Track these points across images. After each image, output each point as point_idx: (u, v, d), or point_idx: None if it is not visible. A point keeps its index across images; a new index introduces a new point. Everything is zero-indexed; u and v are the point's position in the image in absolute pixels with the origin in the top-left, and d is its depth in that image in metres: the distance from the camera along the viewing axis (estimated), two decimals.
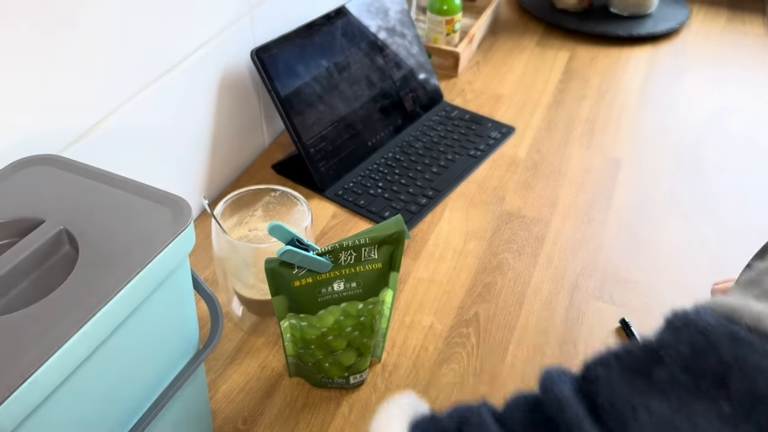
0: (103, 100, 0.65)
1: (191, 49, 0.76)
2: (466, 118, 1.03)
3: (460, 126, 1.02)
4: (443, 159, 0.95)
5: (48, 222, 0.45)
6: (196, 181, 0.85)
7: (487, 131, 1.01)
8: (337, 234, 0.84)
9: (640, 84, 1.16)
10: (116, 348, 0.43)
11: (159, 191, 0.48)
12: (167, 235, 0.44)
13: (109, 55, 0.64)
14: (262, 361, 0.69)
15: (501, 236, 0.84)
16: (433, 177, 0.92)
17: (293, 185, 0.91)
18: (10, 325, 0.38)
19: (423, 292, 0.76)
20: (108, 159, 0.67)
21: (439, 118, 1.03)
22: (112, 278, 0.41)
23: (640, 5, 1.32)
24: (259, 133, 0.96)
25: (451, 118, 1.03)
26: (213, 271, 0.78)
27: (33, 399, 0.37)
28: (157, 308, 0.46)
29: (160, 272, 0.44)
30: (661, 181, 0.94)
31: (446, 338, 0.71)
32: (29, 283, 0.44)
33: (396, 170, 0.93)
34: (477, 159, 0.96)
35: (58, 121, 0.60)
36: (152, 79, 0.71)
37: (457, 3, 1.14)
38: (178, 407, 0.54)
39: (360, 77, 0.95)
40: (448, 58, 1.15)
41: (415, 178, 0.92)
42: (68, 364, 0.38)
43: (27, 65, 0.56)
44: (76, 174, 0.50)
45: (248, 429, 0.63)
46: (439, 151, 0.96)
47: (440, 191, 0.90)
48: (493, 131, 1.01)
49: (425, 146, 0.97)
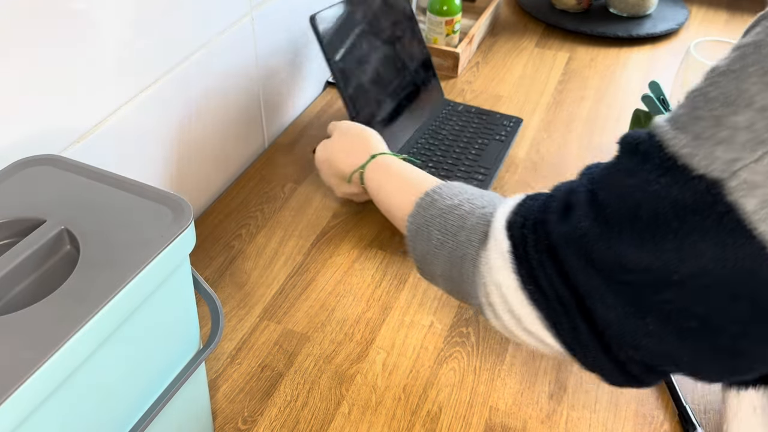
0: (104, 100, 0.65)
1: (192, 49, 0.76)
2: (473, 111, 1.04)
3: (473, 118, 1.02)
4: (476, 143, 0.96)
5: (49, 222, 0.45)
6: (197, 181, 0.85)
7: (498, 121, 1.02)
8: (337, 234, 0.84)
9: (640, 84, 1.16)
10: (116, 348, 0.43)
11: (159, 191, 0.48)
12: (168, 235, 0.44)
13: (110, 55, 0.64)
14: (262, 361, 0.69)
15: None
16: (476, 158, 0.93)
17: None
18: (11, 325, 0.39)
19: (423, 292, 0.77)
20: (109, 159, 0.68)
21: (446, 112, 1.03)
22: (112, 278, 0.41)
23: (640, 6, 1.33)
24: (259, 133, 0.97)
25: (459, 112, 1.04)
26: (213, 270, 0.79)
27: (34, 399, 0.37)
28: (157, 308, 0.46)
29: (161, 272, 0.44)
30: None
31: (446, 338, 0.71)
32: (30, 283, 0.44)
33: (437, 152, 0.94)
34: (505, 143, 0.97)
35: (60, 122, 0.61)
36: (153, 79, 0.71)
37: (457, 4, 1.14)
38: (179, 407, 0.54)
39: (392, 59, 0.96)
40: (448, 59, 1.15)
41: (460, 159, 0.93)
42: (69, 364, 0.38)
43: (28, 66, 0.56)
44: (77, 174, 0.50)
45: (248, 429, 0.63)
46: (468, 137, 0.98)
47: (490, 168, 0.92)
48: (504, 121, 1.02)
49: (450, 134, 0.98)
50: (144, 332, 0.46)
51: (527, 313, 0.47)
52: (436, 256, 0.54)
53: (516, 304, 0.47)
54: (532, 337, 0.48)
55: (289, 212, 0.87)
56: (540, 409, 0.65)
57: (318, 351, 0.70)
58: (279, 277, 0.78)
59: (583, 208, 0.43)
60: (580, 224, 0.42)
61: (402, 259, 0.80)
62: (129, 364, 0.45)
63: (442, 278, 0.55)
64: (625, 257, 0.40)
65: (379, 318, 0.73)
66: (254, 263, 0.80)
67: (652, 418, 0.64)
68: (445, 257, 0.53)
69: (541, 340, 0.48)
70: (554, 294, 0.44)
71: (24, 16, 0.54)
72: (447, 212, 0.54)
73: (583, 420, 0.64)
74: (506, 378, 0.68)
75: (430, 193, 0.58)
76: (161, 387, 0.50)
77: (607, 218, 0.41)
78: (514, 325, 0.49)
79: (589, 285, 0.42)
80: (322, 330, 0.72)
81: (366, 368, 0.68)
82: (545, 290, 0.45)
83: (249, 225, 0.85)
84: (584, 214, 0.42)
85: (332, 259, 0.80)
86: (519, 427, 0.64)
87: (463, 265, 0.52)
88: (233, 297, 0.76)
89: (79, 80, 0.61)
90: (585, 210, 0.43)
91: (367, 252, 0.81)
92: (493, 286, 0.49)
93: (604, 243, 0.41)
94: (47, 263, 0.45)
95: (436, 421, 0.64)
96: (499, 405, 0.65)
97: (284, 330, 0.72)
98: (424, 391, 0.66)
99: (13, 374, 0.35)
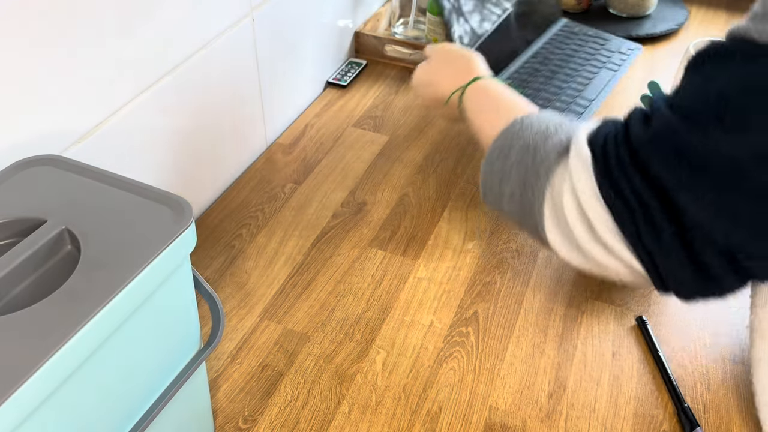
0: (105, 100, 0.66)
1: (193, 50, 0.76)
2: (590, 33, 1.01)
3: (588, 41, 0.99)
4: (584, 72, 0.94)
5: (50, 222, 0.45)
6: (197, 181, 0.85)
7: (617, 46, 0.99)
8: (337, 234, 0.84)
9: (639, 84, 1.16)
10: (117, 347, 0.43)
11: (160, 191, 0.48)
12: (168, 235, 0.45)
13: (111, 56, 0.64)
14: (262, 361, 0.69)
15: (500, 236, 0.84)
16: (579, 88, 0.91)
17: None
18: (11, 325, 0.39)
19: (423, 292, 0.77)
20: (109, 159, 0.68)
21: (564, 33, 1.01)
22: (113, 278, 0.41)
23: (639, 6, 1.33)
24: (259, 133, 0.97)
25: (575, 33, 1.01)
26: (214, 270, 0.79)
27: (34, 398, 0.37)
28: (158, 308, 0.46)
29: (162, 272, 0.44)
30: None
31: (446, 337, 0.72)
32: (31, 283, 0.44)
33: (539, 79, 0.92)
34: (616, 71, 0.94)
35: (60, 122, 0.61)
36: (154, 80, 0.71)
37: None
38: (179, 406, 0.54)
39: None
40: None
41: (562, 88, 0.91)
42: (70, 364, 0.39)
43: (29, 66, 0.56)
44: (77, 174, 0.50)
45: (249, 428, 0.63)
46: (577, 64, 0.95)
47: (592, 100, 0.89)
48: (623, 47, 0.99)
49: (559, 59, 0.95)
50: (144, 332, 0.46)
51: (603, 221, 0.47)
52: (510, 175, 0.55)
53: (592, 210, 0.47)
54: (601, 249, 0.48)
55: (289, 212, 0.87)
56: (540, 409, 0.65)
57: (318, 350, 0.70)
58: (279, 276, 0.78)
59: (665, 112, 0.45)
60: (666, 123, 0.44)
61: (402, 259, 0.81)
62: (130, 363, 0.46)
63: (510, 198, 0.56)
64: (718, 144, 0.41)
65: (379, 318, 0.74)
66: (255, 263, 0.80)
67: (652, 418, 0.65)
68: (520, 175, 0.54)
69: (611, 250, 0.47)
70: (636, 200, 0.45)
71: (24, 16, 0.54)
72: (531, 135, 0.55)
73: (583, 419, 0.64)
74: (506, 377, 0.68)
75: (519, 120, 0.58)
76: (162, 386, 0.50)
77: (692, 114, 0.43)
78: (584, 235, 0.49)
79: (679, 181, 0.43)
80: (323, 330, 0.72)
81: (366, 368, 0.68)
82: (627, 197, 0.45)
83: (249, 225, 0.85)
84: (668, 116, 0.44)
85: (332, 259, 0.81)
86: (519, 426, 0.64)
87: (537, 180, 0.52)
88: (234, 297, 0.76)
89: (79, 81, 0.62)
90: (667, 113, 0.44)
91: (367, 252, 0.82)
92: (569, 194, 0.49)
93: (694, 135, 0.42)
94: (48, 263, 0.45)
95: (436, 421, 0.64)
96: (499, 404, 0.66)
97: (284, 329, 0.72)
98: (424, 391, 0.66)
99: (14, 374, 0.36)
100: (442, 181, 0.92)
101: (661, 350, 0.70)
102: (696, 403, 0.66)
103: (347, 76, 1.14)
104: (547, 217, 0.52)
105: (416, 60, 1.16)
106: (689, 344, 0.71)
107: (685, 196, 0.43)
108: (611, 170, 0.46)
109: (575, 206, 0.49)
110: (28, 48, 0.55)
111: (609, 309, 0.75)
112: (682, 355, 0.70)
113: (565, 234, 0.51)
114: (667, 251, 0.45)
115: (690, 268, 0.44)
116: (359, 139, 1.00)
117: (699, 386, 0.67)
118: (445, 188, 0.91)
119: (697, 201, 0.42)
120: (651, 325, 0.72)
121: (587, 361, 0.70)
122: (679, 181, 0.43)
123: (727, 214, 0.42)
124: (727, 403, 0.66)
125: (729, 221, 0.42)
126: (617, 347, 0.71)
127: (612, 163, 0.46)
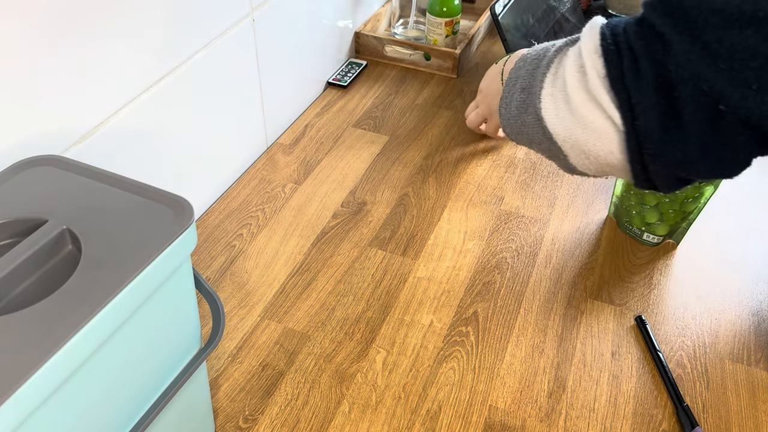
0: (106, 101, 0.66)
1: (193, 50, 0.76)
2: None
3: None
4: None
5: (51, 222, 0.46)
6: (198, 182, 0.86)
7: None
8: (337, 234, 0.84)
9: None
10: (118, 347, 0.43)
11: (161, 191, 0.48)
12: (169, 235, 0.45)
13: (111, 56, 0.64)
14: (263, 360, 0.69)
15: (500, 236, 0.84)
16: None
17: None
18: (12, 325, 0.39)
19: (422, 291, 0.77)
20: (110, 159, 0.68)
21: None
22: (114, 278, 0.41)
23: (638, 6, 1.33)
24: (260, 133, 0.97)
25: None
26: (215, 270, 0.79)
27: (35, 398, 0.37)
28: (158, 307, 0.46)
29: (162, 272, 0.45)
30: None
31: (445, 337, 0.72)
32: (32, 283, 0.44)
33: None
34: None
35: (61, 122, 0.61)
36: (154, 80, 0.71)
37: (457, 5, 1.14)
38: (180, 406, 0.54)
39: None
40: (447, 60, 1.15)
41: None
42: (70, 363, 0.39)
43: (30, 66, 0.56)
44: (78, 174, 0.50)
45: (249, 427, 0.63)
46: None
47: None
48: None
49: None
50: (145, 331, 0.46)
51: (596, 70, 0.48)
52: (519, 74, 0.57)
53: (589, 60, 0.49)
54: (585, 96, 0.49)
55: (289, 212, 0.87)
56: (539, 408, 0.65)
57: (318, 350, 0.70)
58: (280, 276, 0.78)
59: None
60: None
61: (402, 259, 0.81)
62: (130, 363, 0.46)
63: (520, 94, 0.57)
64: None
65: (379, 317, 0.74)
66: (255, 263, 0.80)
67: (651, 417, 0.65)
68: (528, 71, 0.56)
69: (596, 97, 0.49)
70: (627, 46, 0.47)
71: (24, 16, 0.54)
72: (539, 49, 0.58)
73: (582, 419, 0.64)
74: (505, 377, 0.68)
75: (528, 50, 0.60)
76: (163, 386, 0.50)
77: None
78: (575, 84, 0.50)
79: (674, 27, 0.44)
80: (323, 329, 0.72)
81: (366, 367, 0.69)
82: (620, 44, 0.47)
83: (250, 225, 0.85)
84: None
85: (332, 258, 0.81)
86: (518, 425, 0.64)
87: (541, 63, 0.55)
88: (234, 296, 0.76)
89: (80, 81, 0.62)
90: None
91: (367, 252, 0.82)
92: (573, 55, 0.51)
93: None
94: (49, 263, 0.45)
95: (436, 420, 0.64)
96: (499, 404, 0.66)
97: (285, 329, 0.72)
98: (424, 390, 0.67)
99: (15, 374, 0.36)
100: (442, 181, 0.93)
101: (661, 350, 0.70)
102: (695, 402, 0.66)
103: (347, 76, 1.14)
104: (546, 84, 0.53)
105: (416, 60, 1.17)
106: (688, 344, 0.72)
107: (679, 43, 0.44)
108: (617, 26, 0.49)
109: (576, 60, 0.51)
110: (29, 48, 0.55)
111: (608, 309, 0.75)
112: (681, 354, 0.71)
113: (558, 88, 0.52)
114: (644, 89, 0.46)
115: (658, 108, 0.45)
116: (359, 139, 1.01)
117: (698, 385, 0.68)
118: (445, 188, 0.92)
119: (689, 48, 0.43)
120: (650, 325, 0.73)
121: (587, 360, 0.70)
122: (675, 27, 0.44)
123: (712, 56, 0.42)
124: (726, 403, 0.66)
125: (712, 63, 0.42)
126: (616, 347, 0.71)
127: (620, 26, 0.49)
